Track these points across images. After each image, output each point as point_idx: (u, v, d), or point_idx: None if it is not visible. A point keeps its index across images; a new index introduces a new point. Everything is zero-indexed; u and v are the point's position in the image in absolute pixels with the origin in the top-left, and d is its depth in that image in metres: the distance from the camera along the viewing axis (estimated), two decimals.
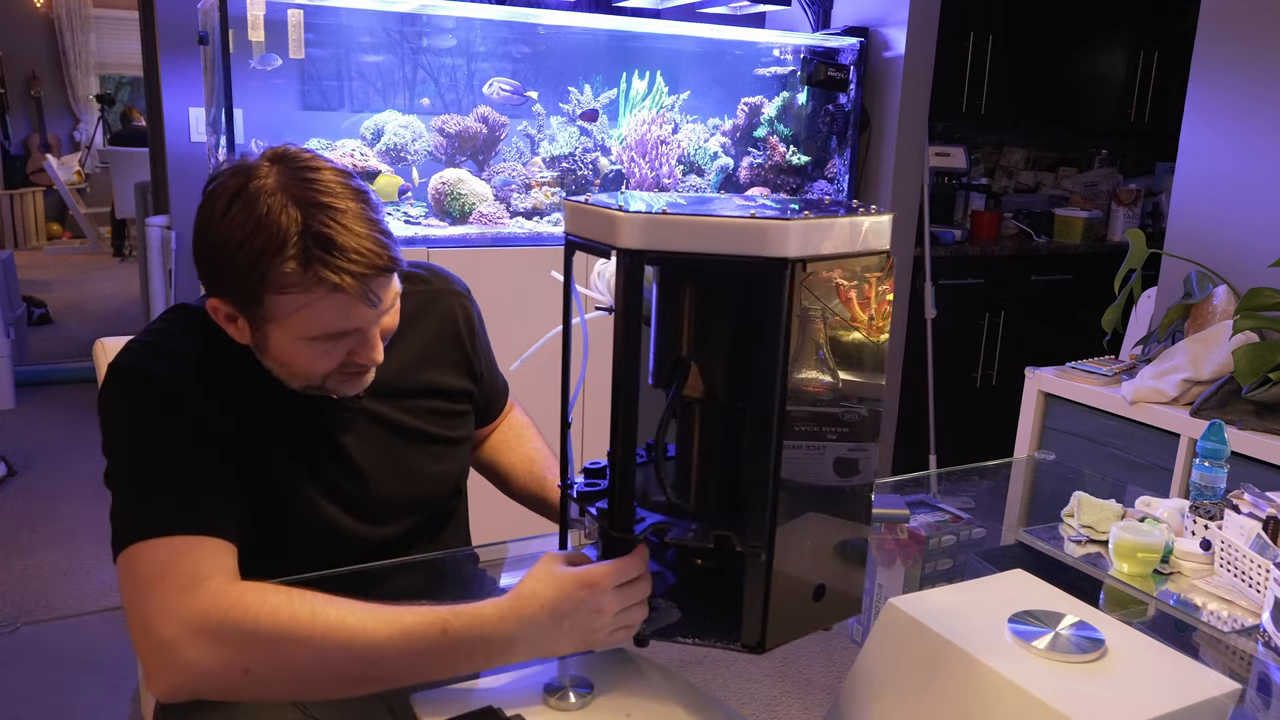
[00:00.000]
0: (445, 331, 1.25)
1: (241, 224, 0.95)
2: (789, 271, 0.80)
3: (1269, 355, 1.96)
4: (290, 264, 0.95)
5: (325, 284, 0.96)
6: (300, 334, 1.00)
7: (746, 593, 0.87)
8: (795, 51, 3.35)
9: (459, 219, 2.77)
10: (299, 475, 1.10)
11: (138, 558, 0.92)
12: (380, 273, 0.99)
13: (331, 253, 0.95)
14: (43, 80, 8.83)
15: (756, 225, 0.80)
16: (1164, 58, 3.97)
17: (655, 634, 0.91)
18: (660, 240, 0.82)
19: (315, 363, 1.02)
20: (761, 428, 0.83)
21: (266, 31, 2.49)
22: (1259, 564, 1.26)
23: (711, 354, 0.91)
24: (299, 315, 0.98)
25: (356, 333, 1.02)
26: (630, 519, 0.89)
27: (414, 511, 1.22)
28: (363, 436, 1.14)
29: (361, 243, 0.97)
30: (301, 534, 1.11)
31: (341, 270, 0.95)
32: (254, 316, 1.00)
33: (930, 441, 3.59)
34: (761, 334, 0.83)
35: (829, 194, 3.41)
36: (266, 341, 1.02)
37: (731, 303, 0.90)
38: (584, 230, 0.90)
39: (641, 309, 0.85)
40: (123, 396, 1.01)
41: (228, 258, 0.97)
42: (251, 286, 0.97)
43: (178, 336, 1.07)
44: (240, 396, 1.05)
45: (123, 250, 8.13)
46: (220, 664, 0.87)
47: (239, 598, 0.89)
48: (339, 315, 0.99)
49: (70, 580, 2.78)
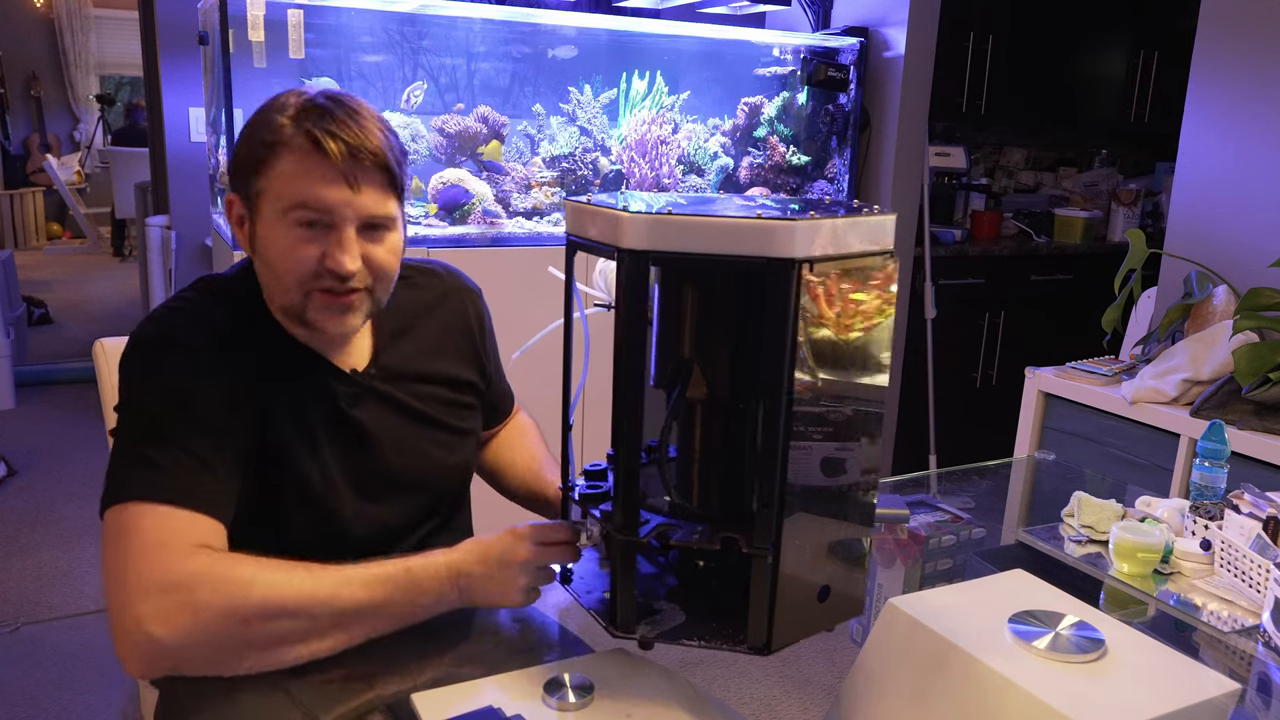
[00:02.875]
0: (456, 324, 1.28)
1: (263, 111, 1.06)
2: (795, 272, 0.79)
3: (1269, 355, 1.96)
4: (287, 125, 1.02)
5: (310, 141, 1.01)
6: (282, 204, 1.03)
7: (753, 594, 0.87)
8: (795, 51, 3.35)
9: (459, 219, 2.77)
10: (309, 444, 1.11)
11: (125, 518, 0.95)
12: (367, 156, 1.03)
13: (325, 120, 1.02)
14: (43, 80, 8.83)
15: (763, 226, 0.79)
16: (1164, 58, 3.97)
17: (661, 636, 0.91)
18: (665, 241, 0.82)
19: (292, 250, 1.03)
20: (768, 427, 0.83)
21: (266, 31, 2.49)
22: (1259, 564, 1.26)
23: (715, 355, 0.91)
24: (283, 182, 1.02)
25: (332, 224, 1.03)
26: (635, 521, 0.89)
27: (418, 494, 1.22)
28: (373, 414, 1.16)
29: (358, 126, 1.03)
30: (304, 511, 1.12)
31: (329, 133, 1.01)
32: (252, 198, 1.05)
33: (930, 441, 3.59)
34: (765, 334, 0.83)
35: (829, 194, 3.41)
36: (258, 230, 1.06)
37: (735, 303, 0.90)
38: (586, 231, 0.89)
39: (647, 310, 0.85)
40: (140, 358, 1.04)
41: (246, 138, 1.06)
42: (257, 153, 1.03)
43: (201, 305, 1.09)
44: (257, 365, 1.08)
45: (123, 250, 8.13)
46: (200, 632, 0.90)
47: (213, 564, 0.94)
48: (317, 183, 1.02)
49: (70, 580, 2.78)
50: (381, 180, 1.05)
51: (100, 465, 1.02)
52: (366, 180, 1.04)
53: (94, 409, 1.07)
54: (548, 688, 0.92)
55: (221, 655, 0.93)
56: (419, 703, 0.91)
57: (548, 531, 1.03)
